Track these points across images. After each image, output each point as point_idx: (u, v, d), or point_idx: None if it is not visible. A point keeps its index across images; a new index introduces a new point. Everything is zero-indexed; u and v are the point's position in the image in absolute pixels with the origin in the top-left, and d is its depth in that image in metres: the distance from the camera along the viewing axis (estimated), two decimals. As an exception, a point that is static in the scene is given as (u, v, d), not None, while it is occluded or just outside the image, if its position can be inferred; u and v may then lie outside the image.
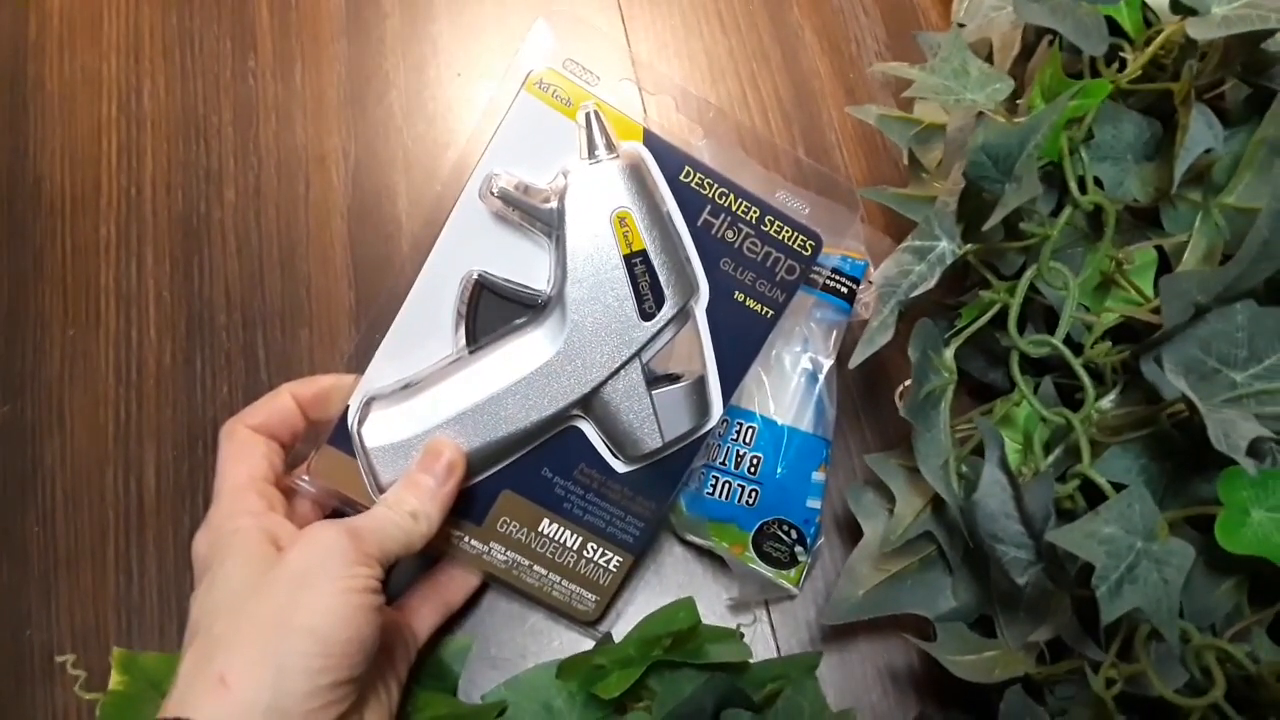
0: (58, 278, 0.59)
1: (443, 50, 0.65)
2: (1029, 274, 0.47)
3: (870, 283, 0.53)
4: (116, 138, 0.62)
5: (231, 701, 0.36)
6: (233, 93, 0.63)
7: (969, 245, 0.47)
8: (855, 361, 0.47)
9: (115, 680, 0.48)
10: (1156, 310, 0.45)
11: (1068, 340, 0.47)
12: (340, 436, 0.46)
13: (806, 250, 0.48)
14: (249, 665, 0.37)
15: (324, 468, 0.46)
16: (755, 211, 0.48)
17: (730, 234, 0.48)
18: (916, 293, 0.46)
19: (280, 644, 0.38)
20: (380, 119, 0.63)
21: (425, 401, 0.46)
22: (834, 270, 0.54)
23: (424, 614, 0.49)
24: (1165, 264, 0.51)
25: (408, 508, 0.44)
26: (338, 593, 0.39)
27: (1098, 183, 0.49)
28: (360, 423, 0.46)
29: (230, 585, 0.40)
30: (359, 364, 0.47)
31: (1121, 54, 0.51)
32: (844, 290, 0.54)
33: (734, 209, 0.47)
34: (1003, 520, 0.44)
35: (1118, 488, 0.42)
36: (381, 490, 0.46)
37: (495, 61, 0.65)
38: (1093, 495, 0.44)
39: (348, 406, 0.46)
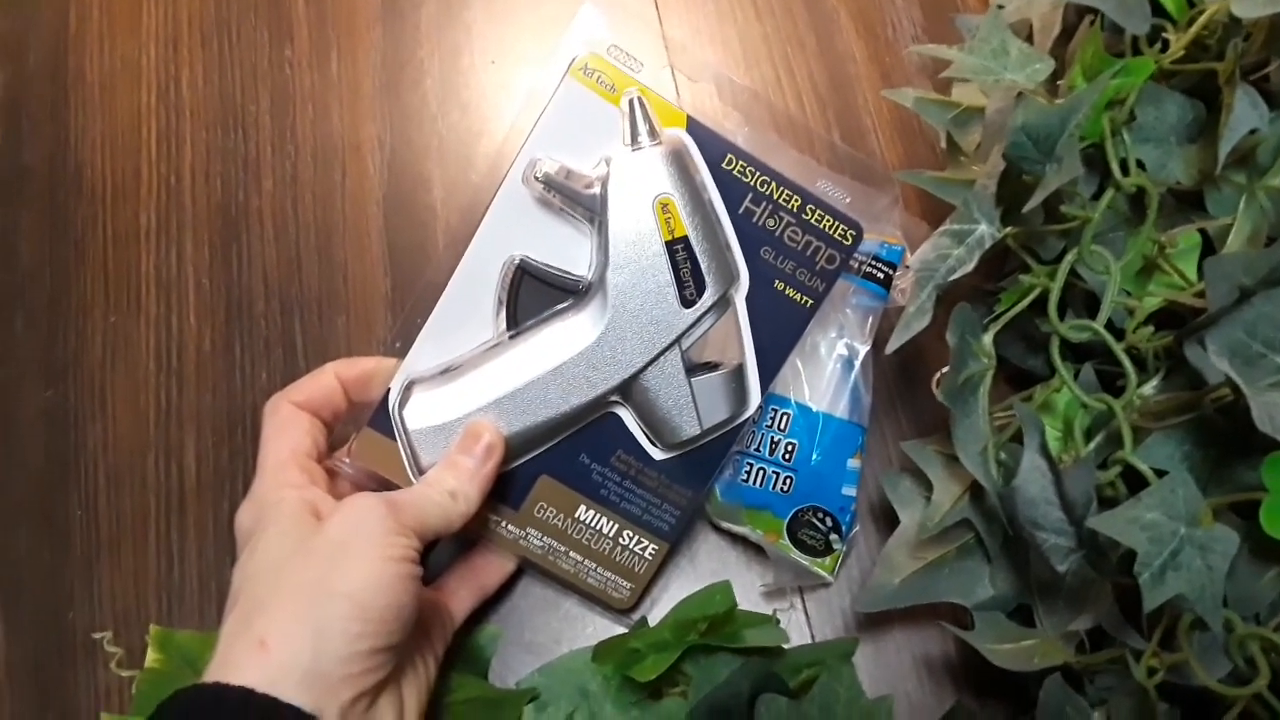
0: (99, 265, 0.59)
1: (477, 37, 0.65)
2: (1069, 258, 0.47)
3: (907, 268, 0.53)
4: (156, 126, 0.62)
5: (271, 664, 0.37)
6: (270, 81, 0.64)
7: (1009, 228, 0.46)
8: (893, 346, 0.47)
9: (151, 658, 0.49)
10: (1200, 294, 0.45)
11: (1109, 325, 0.46)
12: (381, 419, 0.47)
13: (847, 240, 0.48)
14: (288, 628, 0.38)
15: (364, 450, 0.47)
16: (797, 200, 0.47)
17: (771, 222, 0.47)
18: (955, 276, 0.46)
19: (320, 608, 0.38)
20: (415, 107, 0.63)
21: (466, 385, 0.47)
22: (871, 256, 0.53)
23: (461, 596, 0.49)
24: (1209, 247, 0.50)
25: (447, 487, 0.44)
26: (376, 560, 0.39)
27: (1140, 165, 0.49)
28: (402, 405, 0.47)
29: (271, 553, 0.41)
30: (399, 348, 0.47)
31: (1164, 34, 0.50)
32: (880, 276, 0.53)
33: (775, 197, 0.47)
34: (1043, 507, 0.43)
35: (1160, 474, 0.42)
36: (422, 472, 0.47)
37: (530, 48, 0.65)
38: (1134, 482, 0.44)
39: (389, 389, 0.47)
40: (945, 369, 0.47)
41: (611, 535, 0.50)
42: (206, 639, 0.49)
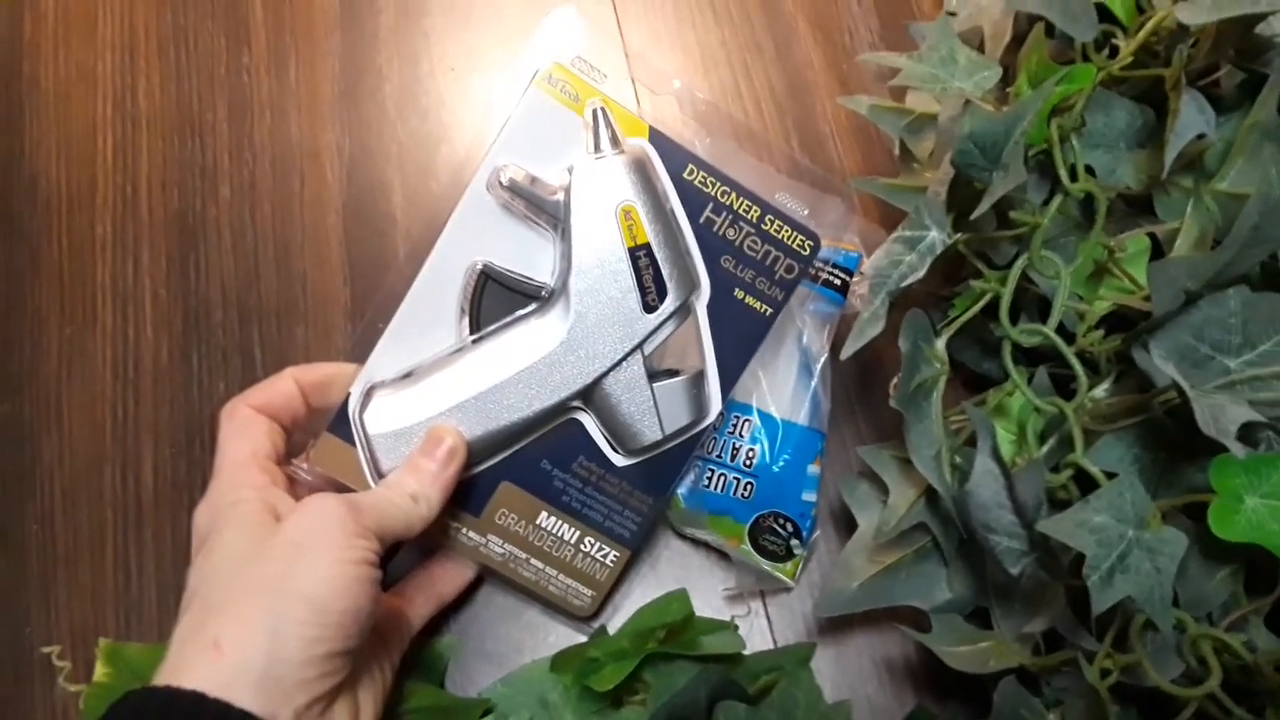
0: (54, 276, 0.59)
1: (436, 45, 0.65)
2: (1020, 263, 0.47)
3: (863, 274, 0.53)
4: (112, 136, 0.62)
5: (225, 667, 0.36)
6: (227, 89, 0.63)
7: (959, 235, 0.47)
8: (847, 353, 0.47)
9: (100, 672, 0.48)
10: (1149, 298, 0.45)
11: (1061, 329, 0.46)
12: (341, 424, 0.47)
13: (805, 250, 0.49)
14: (244, 631, 0.37)
15: (324, 456, 0.47)
16: (756, 210, 0.48)
17: (731, 232, 0.48)
18: (907, 283, 0.46)
19: (276, 611, 0.38)
20: (374, 114, 0.63)
21: (428, 389, 0.47)
22: (828, 262, 0.54)
23: (418, 604, 0.49)
24: (1159, 251, 0.50)
25: (408, 489, 0.44)
26: (335, 562, 0.39)
27: (1089, 170, 0.49)
28: (362, 409, 0.47)
29: (228, 553, 0.40)
30: (360, 354, 0.47)
31: (1114, 40, 0.50)
32: (837, 282, 0.54)
33: (735, 207, 0.48)
34: (995, 510, 0.44)
35: (1111, 477, 0.42)
36: (382, 478, 0.46)
37: (489, 56, 0.65)
38: (1087, 485, 0.44)
39: (349, 394, 0.47)
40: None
41: (573, 542, 0.50)
42: (156, 652, 0.48)
